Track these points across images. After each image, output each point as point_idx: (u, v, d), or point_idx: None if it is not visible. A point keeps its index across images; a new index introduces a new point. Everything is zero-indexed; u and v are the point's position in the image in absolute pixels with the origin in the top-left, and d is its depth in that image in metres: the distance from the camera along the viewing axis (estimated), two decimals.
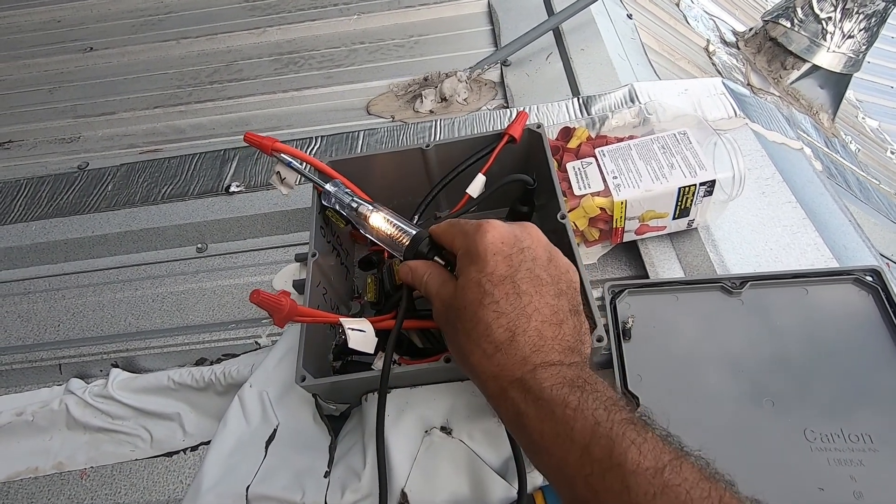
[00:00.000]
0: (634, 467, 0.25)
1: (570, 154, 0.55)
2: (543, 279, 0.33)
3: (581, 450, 0.26)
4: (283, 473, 0.43)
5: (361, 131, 0.76)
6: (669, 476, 0.24)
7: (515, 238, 0.34)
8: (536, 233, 0.36)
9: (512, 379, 0.30)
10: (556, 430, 0.28)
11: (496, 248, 0.33)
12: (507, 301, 0.32)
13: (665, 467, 0.25)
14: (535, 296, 0.32)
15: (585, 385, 0.29)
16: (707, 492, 0.24)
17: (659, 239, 0.55)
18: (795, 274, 0.48)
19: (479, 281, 0.33)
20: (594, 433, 0.26)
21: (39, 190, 0.79)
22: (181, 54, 1.11)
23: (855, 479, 0.38)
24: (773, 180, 0.58)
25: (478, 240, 0.34)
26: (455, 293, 0.34)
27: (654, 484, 0.24)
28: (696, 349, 0.46)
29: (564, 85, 0.82)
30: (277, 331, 0.55)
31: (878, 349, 0.44)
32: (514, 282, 0.32)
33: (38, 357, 0.58)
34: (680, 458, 0.25)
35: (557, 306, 0.33)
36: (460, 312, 0.33)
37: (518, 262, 0.33)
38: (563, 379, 0.29)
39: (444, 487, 0.39)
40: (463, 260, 0.35)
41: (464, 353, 0.33)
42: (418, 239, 0.42)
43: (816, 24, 1.33)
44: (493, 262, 0.33)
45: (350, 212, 0.47)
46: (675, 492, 0.24)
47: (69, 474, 0.52)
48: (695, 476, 0.24)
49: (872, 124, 1.80)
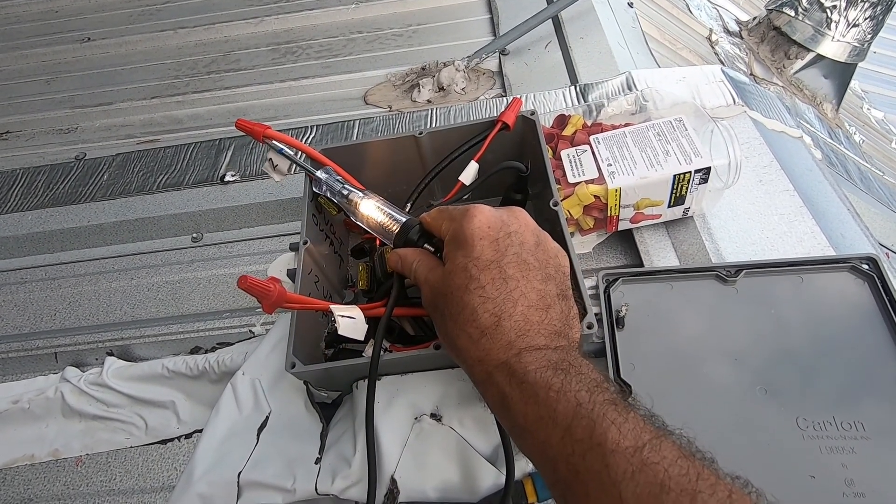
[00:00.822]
0: (614, 446, 0.25)
1: (565, 141, 0.54)
2: (531, 263, 0.33)
3: (563, 431, 0.26)
4: (275, 460, 0.43)
5: (357, 120, 0.76)
6: (648, 454, 0.24)
7: (502, 222, 0.34)
8: (524, 217, 0.36)
9: (497, 363, 0.30)
10: (539, 412, 0.28)
11: (482, 233, 0.33)
12: (493, 286, 0.32)
13: (644, 446, 0.25)
14: (521, 280, 0.32)
15: (570, 368, 0.29)
16: (685, 469, 0.24)
17: (654, 227, 0.55)
18: (791, 262, 0.48)
19: (465, 266, 0.33)
20: (576, 414, 0.26)
21: (36, 180, 0.79)
22: (178, 44, 1.10)
23: (846, 467, 0.38)
24: (770, 168, 0.57)
25: (464, 224, 0.34)
26: (442, 279, 0.34)
27: (632, 462, 0.24)
28: (690, 337, 0.46)
29: (563, 74, 0.81)
30: (271, 319, 0.55)
31: (874, 337, 0.43)
32: (501, 266, 0.32)
33: (34, 346, 0.59)
34: (660, 437, 0.25)
35: (545, 291, 0.33)
36: (447, 298, 0.33)
37: (505, 247, 0.33)
38: (548, 362, 0.29)
39: (434, 474, 0.39)
40: (450, 245, 0.35)
41: (451, 338, 0.33)
42: (408, 226, 0.41)
43: (821, 12, 1.31)
44: (480, 247, 0.33)
45: (341, 199, 0.47)
46: (653, 469, 0.24)
47: (65, 461, 0.52)
48: (674, 454, 0.25)
49: (878, 115, 1.78)
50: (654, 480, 0.24)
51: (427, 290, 0.36)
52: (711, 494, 0.23)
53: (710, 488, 0.23)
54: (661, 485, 0.23)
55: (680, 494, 0.23)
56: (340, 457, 0.41)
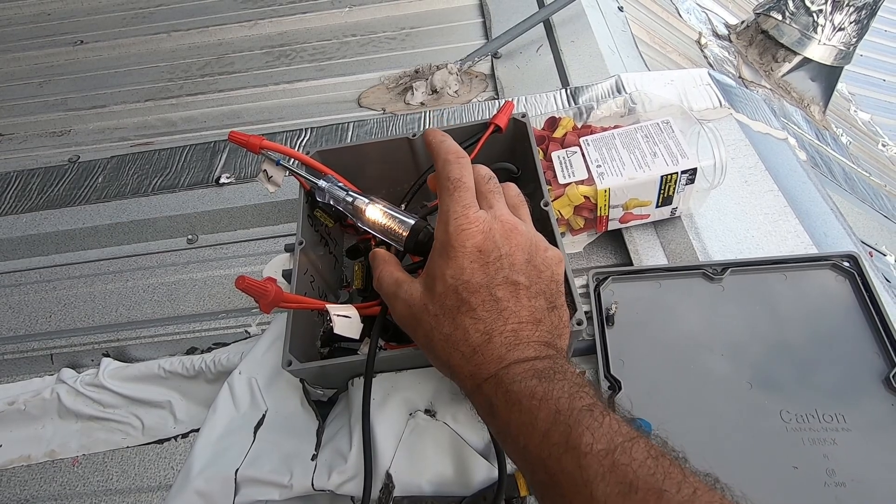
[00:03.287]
0: (588, 450, 0.26)
1: (555, 143, 0.55)
2: (521, 283, 0.33)
3: (542, 436, 0.28)
4: (272, 457, 0.43)
5: (351, 123, 0.76)
6: (619, 456, 0.26)
7: (494, 245, 0.34)
8: (517, 235, 0.35)
9: (487, 376, 0.31)
10: (522, 419, 0.29)
11: (473, 256, 0.33)
12: (483, 308, 0.32)
13: (616, 448, 0.26)
14: (511, 301, 0.33)
15: (554, 376, 0.30)
16: (652, 469, 0.25)
17: (643, 227, 0.56)
18: (775, 260, 0.49)
19: (455, 288, 0.33)
20: (555, 421, 0.28)
21: (30, 182, 0.79)
22: (172, 47, 1.11)
23: (828, 458, 0.39)
24: (755, 169, 0.59)
25: (454, 242, 0.33)
26: (427, 296, 0.34)
27: (603, 464, 0.26)
28: (678, 334, 0.47)
29: (554, 77, 0.82)
30: (267, 319, 0.56)
31: (854, 333, 0.45)
32: (491, 290, 0.33)
33: (30, 347, 0.59)
34: (633, 439, 0.27)
35: (534, 307, 0.33)
36: (437, 319, 0.34)
37: (494, 271, 0.33)
38: (534, 372, 0.30)
39: (428, 468, 0.40)
40: (438, 255, 0.35)
41: (440, 356, 0.34)
42: (417, 229, 0.42)
43: (807, 16, 1.33)
44: (470, 270, 0.33)
45: (346, 206, 0.46)
46: (623, 470, 0.25)
47: (61, 462, 0.52)
48: (643, 455, 0.26)
49: (864, 117, 1.81)
50: (624, 480, 0.25)
51: (402, 306, 0.36)
52: (677, 492, 0.24)
53: (676, 486, 0.25)
54: (630, 484, 0.25)
55: (647, 493, 0.24)
56: (336, 453, 0.42)
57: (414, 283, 0.36)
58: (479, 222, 0.34)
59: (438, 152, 0.37)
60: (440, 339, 0.33)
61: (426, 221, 0.42)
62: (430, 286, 0.34)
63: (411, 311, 0.35)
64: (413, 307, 0.35)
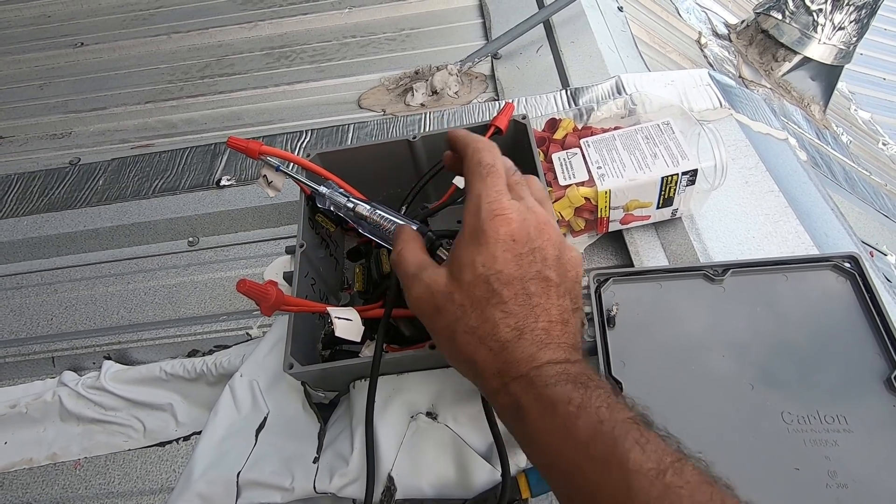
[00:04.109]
0: (637, 467, 0.25)
1: (556, 145, 0.55)
2: (552, 280, 0.32)
3: (580, 445, 0.26)
4: (273, 460, 0.44)
5: (351, 125, 0.76)
6: (672, 478, 0.24)
7: (528, 237, 0.32)
8: (550, 229, 0.33)
9: (516, 375, 0.30)
10: (556, 425, 0.27)
11: (507, 245, 0.32)
12: (515, 301, 0.31)
13: (668, 469, 0.24)
14: (543, 297, 0.32)
15: (589, 382, 0.29)
16: (709, 495, 0.24)
17: (644, 228, 0.56)
18: (775, 261, 0.49)
19: (486, 278, 0.31)
20: (597, 431, 0.26)
21: (31, 185, 0.79)
22: (172, 49, 1.11)
23: (829, 459, 0.39)
24: (756, 170, 0.59)
25: (488, 230, 0.32)
26: (453, 285, 0.32)
27: (656, 485, 0.24)
28: (679, 335, 0.47)
29: (554, 77, 0.82)
30: (268, 322, 0.56)
31: (855, 333, 0.44)
32: (524, 283, 0.31)
33: (31, 350, 0.59)
34: (681, 459, 0.25)
35: (563, 307, 0.32)
36: (463, 309, 0.32)
37: (528, 263, 0.32)
38: (568, 376, 0.29)
39: (430, 471, 0.40)
40: (468, 241, 0.33)
41: (462, 350, 0.32)
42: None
43: (807, 15, 1.33)
44: (503, 260, 0.31)
45: (347, 212, 0.46)
46: (677, 494, 0.24)
47: (63, 465, 0.53)
48: (697, 479, 0.24)
49: (865, 116, 1.81)
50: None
51: (422, 289, 0.34)
52: None
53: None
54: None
55: None
56: (338, 455, 0.42)
57: (439, 269, 0.34)
58: (513, 210, 0.32)
59: (468, 141, 0.36)
60: (464, 331, 0.31)
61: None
62: (457, 274, 0.32)
63: (433, 297, 0.33)
64: (436, 294, 0.33)
